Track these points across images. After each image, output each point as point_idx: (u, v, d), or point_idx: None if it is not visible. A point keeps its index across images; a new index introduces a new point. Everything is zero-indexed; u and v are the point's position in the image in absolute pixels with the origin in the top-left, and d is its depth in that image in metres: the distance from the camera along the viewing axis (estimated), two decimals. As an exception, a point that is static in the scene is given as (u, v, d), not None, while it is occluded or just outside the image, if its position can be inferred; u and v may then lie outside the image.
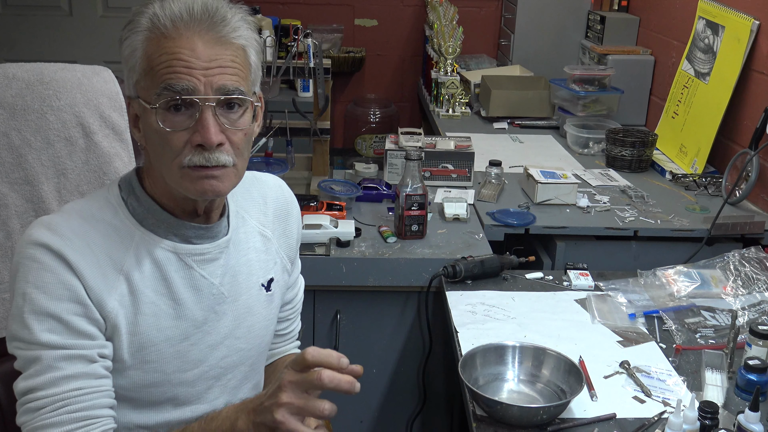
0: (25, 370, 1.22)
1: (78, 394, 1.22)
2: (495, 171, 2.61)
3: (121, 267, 1.27)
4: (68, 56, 3.16)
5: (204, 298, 1.35)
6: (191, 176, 1.24)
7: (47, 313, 1.20)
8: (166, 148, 1.23)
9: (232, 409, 1.25)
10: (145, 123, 1.25)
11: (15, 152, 1.53)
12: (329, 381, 1.14)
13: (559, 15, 3.91)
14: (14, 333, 1.22)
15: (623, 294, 1.99)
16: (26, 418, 1.22)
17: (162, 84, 1.20)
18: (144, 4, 1.25)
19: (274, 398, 1.17)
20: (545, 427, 1.49)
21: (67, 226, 1.24)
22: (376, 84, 4.60)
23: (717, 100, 2.73)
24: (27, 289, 1.21)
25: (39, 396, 1.21)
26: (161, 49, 1.21)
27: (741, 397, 1.60)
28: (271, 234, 1.48)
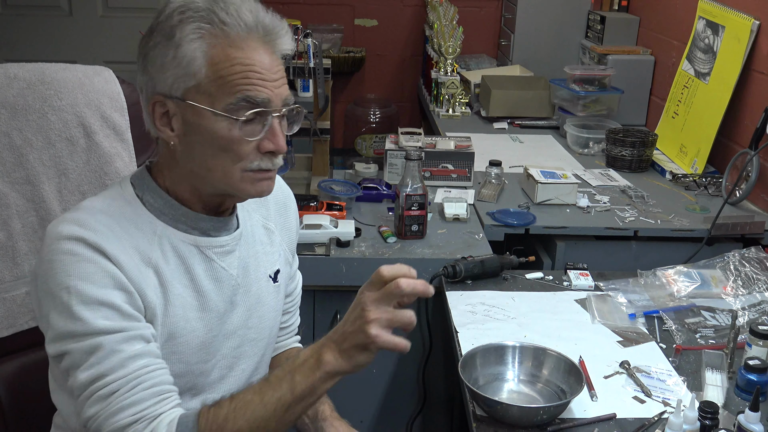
0: (84, 362, 1.21)
1: (147, 371, 1.23)
2: (495, 171, 2.61)
3: (149, 260, 1.28)
4: (68, 56, 3.17)
5: (224, 289, 1.38)
6: (253, 179, 1.30)
7: (98, 301, 1.21)
8: (229, 152, 1.27)
9: (310, 350, 1.25)
10: (195, 126, 1.26)
11: (16, 152, 1.53)
12: (407, 286, 1.19)
13: (559, 15, 3.91)
14: (63, 329, 1.21)
15: (623, 294, 1.99)
16: (99, 407, 1.21)
17: (239, 95, 1.24)
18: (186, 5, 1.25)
19: (361, 318, 1.20)
20: (545, 427, 1.49)
21: (95, 221, 1.25)
22: (376, 84, 4.60)
23: (717, 100, 2.73)
24: (70, 282, 1.20)
25: (108, 381, 1.20)
26: (231, 59, 1.24)
27: (741, 397, 1.60)
28: (274, 226, 1.52)
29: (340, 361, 1.22)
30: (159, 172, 1.35)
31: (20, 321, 1.56)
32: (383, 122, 4.39)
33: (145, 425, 1.21)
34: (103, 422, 1.20)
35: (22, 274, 1.55)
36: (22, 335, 1.58)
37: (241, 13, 1.24)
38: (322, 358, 1.22)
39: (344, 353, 1.21)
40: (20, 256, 1.55)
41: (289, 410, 1.23)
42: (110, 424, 1.20)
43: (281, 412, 1.23)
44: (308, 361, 1.23)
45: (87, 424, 1.22)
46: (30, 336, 1.59)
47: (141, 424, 1.21)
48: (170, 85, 1.25)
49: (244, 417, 1.22)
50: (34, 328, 1.58)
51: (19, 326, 1.57)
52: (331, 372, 1.22)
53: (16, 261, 1.54)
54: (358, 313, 1.21)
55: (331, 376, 1.23)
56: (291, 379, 1.22)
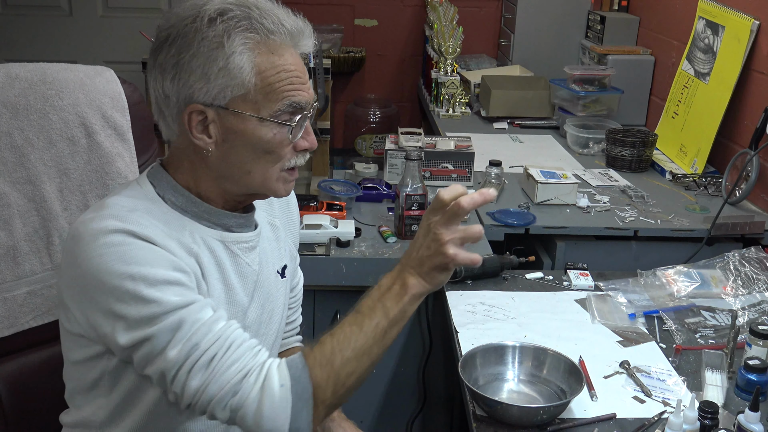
0: (170, 340, 1.21)
1: (232, 330, 1.26)
2: (495, 171, 2.61)
3: (190, 249, 1.31)
4: (68, 56, 3.17)
5: (247, 284, 1.41)
6: (286, 178, 1.36)
7: (164, 280, 1.22)
8: (273, 155, 1.31)
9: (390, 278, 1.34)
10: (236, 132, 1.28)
11: (17, 152, 1.53)
12: (468, 204, 1.28)
13: (559, 15, 3.91)
14: (138, 315, 1.21)
15: (623, 294, 1.99)
16: (203, 374, 1.22)
17: (287, 101, 1.28)
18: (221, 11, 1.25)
19: (437, 242, 1.29)
20: (545, 427, 1.49)
21: (133, 215, 1.26)
22: (376, 84, 4.60)
23: (717, 100, 2.73)
24: (132, 270, 1.20)
25: (203, 348, 1.22)
26: (275, 66, 1.27)
27: (741, 397, 1.60)
28: (279, 223, 1.55)
29: (423, 283, 1.32)
30: (176, 169, 1.36)
31: (21, 321, 1.56)
32: (383, 122, 4.39)
33: (255, 376, 1.24)
34: (212, 387, 1.22)
35: (22, 274, 1.55)
36: (22, 335, 1.58)
37: (282, 20, 1.27)
38: (406, 283, 1.32)
39: (426, 275, 1.32)
40: (21, 255, 1.55)
41: (387, 334, 1.31)
42: (221, 386, 1.22)
43: (380, 337, 1.30)
44: (393, 287, 1.32)
45: (194, 397, 1.23)
46: (30, 336, 1.59)
47: (251, 376, 1.24)
48: (215, 94, 1.26)
49: (350, 347, 1.28)
50: (35, 328, 1.59)
51: (20, 326, 1.57)
52: (417, 294, 1.33)
53: (17, 261, 1.54)
54: (432, 237, 1.30)
55: (417, 297, 1.33)
56: (383, 306, 1.31)
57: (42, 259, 1.57)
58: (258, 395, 1.23)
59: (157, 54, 1.29)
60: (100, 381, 1.34)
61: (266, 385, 1.23)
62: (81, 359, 1.33)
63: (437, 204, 1.30)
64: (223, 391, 1.22)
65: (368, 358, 1.30)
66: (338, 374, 1.27)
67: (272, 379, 1.24)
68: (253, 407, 1.23)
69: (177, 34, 1.26)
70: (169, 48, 1.26)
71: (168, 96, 1.28)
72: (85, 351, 1.31)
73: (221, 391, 1.22)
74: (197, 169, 1.34)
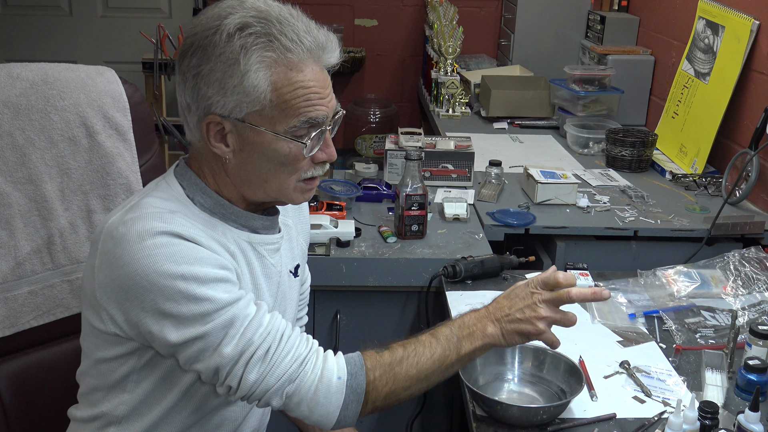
0: (224, 336, 1.26)
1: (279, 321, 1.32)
2: (495, 171, 2.61)
3: (228, 249, 1.33)
4: (68, 56, 3.18)
5: (272, 285, 1.44)
6: (303, 188, 1.38)
7: (214, 278, 1.26)
8: (289, 167, 1.33)
9: (474, 318, 1.42)
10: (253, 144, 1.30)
11: (19, 151, 1.53)
12: (577, 296, 1.40)
13: (559, 15, 3.91)
14: (191, 313, 1.24)
15: (623, 294, 2.00)
16: (260, 367, 1.27)
17: (302, 117, 1.29)
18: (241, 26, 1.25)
19: (533, 312, 1.39)
20: (545, 427, 1.50)
21: (173, 217, 1.28)
22: (376, 84, 4.60)
23: (717, 100, 2.74)
24: (183, 269, 1.23)
25: (258, 342, 1.27)
26: (293, 83, 1.27)
27: (741, 397, 1.60)
28: (291, 222, 1.56)
29: (500, 338, 1.41)
30: (200, 171, 1.38)
31: (22, 320, 1.57)
32: (383, 122, 4.39)
33: (311, 365, 1.31)
34: (270, 378, 1.28)
35: (23, 274, 1.55)
36: (23, 334, 1.58)
37: (301, 37, 1.27)
38: (486, 331, 1.40)
39: (507, 333, 1.40)
40: (22, 255, 1.55)
41: (450, 369, 1.39)
42: (279, 376, 1.29)
43: (444, 369, 1.38)
44: (474, 329, 1.40)
45: (251, 389, 1.28)
46: (31, 335, 1.59)
47: (308, 364, 1.31)
48: (231, 108, 1.27)
49: (416, 366, 1.35)
50: (36, 327, 1.59)
51: (21, 325, 1.57)
52: (490, 344, 1.41)
53: (18, 260, 1.55)
54: (531, 306, 1.40)
55: (489, 347, 1.41)
56: (458, 341, 1.39)
57: (43, 259, 1.58)
58: (315, 383, 1.30)
59: (181, 61, 1.31)
60: (128, 377, 1.36)
61: (324, 375, 1.31)
62: (110, 357, 1.34)
63: (549, 281, 1.39)
64: (281, 381, 1.28)
65: (426, 383, 1.38)
66: (396, 384, 1.35)
67: (330, 371, 1.31)
68: (310, 395, 1.30)
69: (198, 45, 1.27)
70: (190, 58, 1.28)
71: (189, 104, 1.31)
72: (118, 348, 1.33)
73: (279, 380, 1.28)
74: (217, 174, 1.36)
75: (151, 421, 1.38)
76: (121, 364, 1.35)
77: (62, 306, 1.61)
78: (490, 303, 1.46)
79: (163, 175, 1.41)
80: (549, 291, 1.41)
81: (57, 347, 1.62)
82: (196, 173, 1.37)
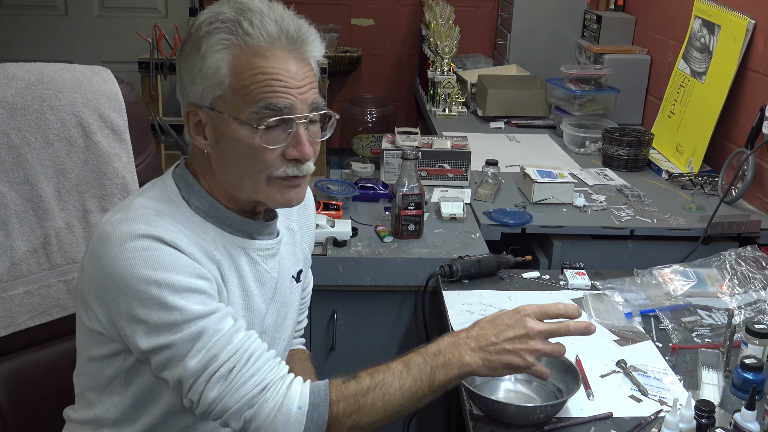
0: (190, 349, 1.23)
1: (251, 341, 1.27)
2: (492, 170, 2.61)
3: (212, 257, 1.32)
4: (64, 56, 3.17)
5: (266, 291, 1.42)
6: (279, 186, 1.32)
7: (188, 288, 1.24)
8: (256, 161, 1.29)
9: (451, 345, 1.34)
10: (223, 135, 1.29)
11: (14, 151, 1.53)
12: (575, 329, 1.36)
13: (556, 14, 3.91)
14: (160, 321, 1.22)
15: (620, 293, 2.00)
16: (221, 386, 1.24)
17: (261, 103, 1.25)
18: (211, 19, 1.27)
19: (524, 344, 1.33)
20: (542, 427, 1.50)
21: (160, 221, 1.27)
22: (373, 83, 4.60)
23: (713, 99, 2.74)
24: (158, 276, 1.22)
25: (223, 359, 1.24)
26: (255, 68, 1.25)
27: (737, 396, 1.60)
28: (296, 226, 1.55)
29: (481, 369, 1.34)
30: (196, 173, 1.37)
31: (18, 320, 1.56)
32: (380, 122, 4.38)
33: (273, 391, 1.26)
34: (229, 399, 1.24)
35: (20, 274, 1.55)
36: (20, 335, 1.58)
37: (265, 23, 1.26)
38: (463, 361, 1.32)
39: (491, 364, 1.34)
40: (18, 255, 1.55)
41: (422, 400, 1.32)
42: (238, 399, 1.24)
43: (415, 400, 1.31)
44: (449, 359, 1.32)
45: (210, 407, 1.25)
46: (28, 335, 1.59)
47: (269, 390, 1.26)
48: (200, 95, 1.28)
49: (382, 399, 1.29)
50: (32, 327, 1.59)
51: (17, 326, 1.57)
52: (469, 373, 1.34)
53: (14, 260, 1.54)
54: (522, 338, 1.33)
55: (466, 376, 1.35)
56: (431, 372, 1.31)
57: (39, 259, 1.57)
58: (274, 411, 1.25)
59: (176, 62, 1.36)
60: (115, 379, 1.35)
61: (284, 403, 1.25)
62: (98, 356, 1.34)
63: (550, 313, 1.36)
64: (240, 404, 1.24)
65: (394, 415, 1.31)
66: (360, 416, 1.29)
67: (292, 400, 1.26)
68: (267, 422, 1.25)
69: (185, 40, 1.31)
70: (179, 53, 1.33)
71: (180, 100, 1.34)
72: (103, 348, 1.33)
73: (238, 403, 1.24)
74: (207, 173, 1.36)
75: (146, 426, 1.36)
76: (108, 365, 1.34)
77: (59, 306, 1.60)
78: (472, 327, 1.38)
79: (162, 175, 1.41)
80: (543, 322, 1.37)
81: (53, 347, 1.62)
82: (193, 174, 1.37)
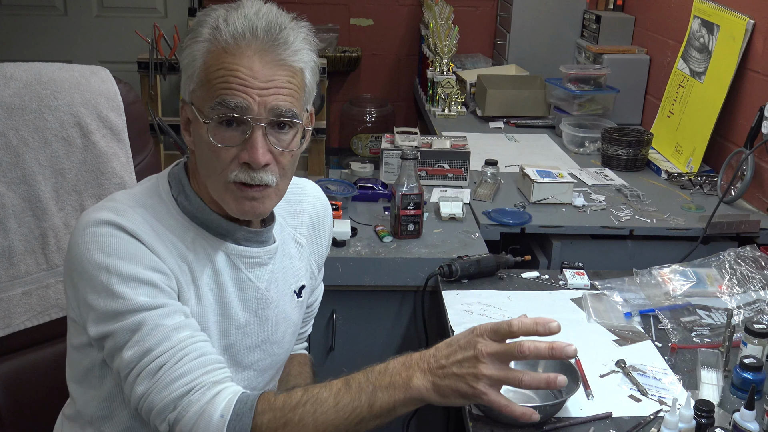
0: (128, 340, 1.20)
1: (192, 342, 1.22)
2: (491, 170, 2.61)
3: (184, 257, 1.30)
4: (63, 56, 3.16)
5: (248, 300, 1.38)
6: (234, 193, 1.27)
7: (137, 279, 1.21)
8: (213, 160, 1.26)
9: (400, 365, 1.22)
10: (195, 131, 1.28)
11: (12, 152, 1.53)
12: (530, 352, 1.19)
13: (555, 14, 3.91)
14: (104, 309, 1.21)
15: (619, 293, 2.00)
16: (148, 382, 1.19)
17: (217, 99, 1.23)
18: (208, 13, 1.27)
19: (472, 368, 1.19)
20: (541, 427, 1.49)
21: (133, 212, 1.26)
22: (372, 83, 4.60)
23: (712, 99, 2.74)
24: (110, 262, 1.21)
25: (155, 355, 1.20)
26: (220, 63, 1.23)
27: (736, 396, 1.60)
28: (305, 241, 1.52)
29: (431, 394, 1.20)
30: (192, 174, 1.37)
31: (17, 321, 1.56)
32: (379, 122, 4.39)
33: (200, 395, 1.20)
34: (155, 397, 1.19)
35: (18, 274, 1.55)
36: (18, 335, 1.58)
37: (237, 20, 1.23)
38: (411, 383, 1.20)
39: (440, 390, 1.20)
40: (16, 256, 1.55)
41: (362, 423, 1.20)
42: (162, 398, 1.19)
43: (353, 423, 1.20)
44: (395, 380, 1.21)
45: (138, 403, 1.21)
46: (27, 336, 1.59)
47: (194, 394, 1.20)
48: (183, 88, 1.28)
49: (313, 414, 1.19)
50: (30, 328, 1.59)
51: (16, 326, 1.57)
52: (418, 399, 1.20)
53: (12, 261, 1.54)
54: (470, 360, 1.20)
55: (417, 402, 1.20)
56: (373, 393, 1.20)
57: (37, 260, 1.57)
58: (196, 416, 1.19)
59: None
60: (91, 371, 1.34)
61: (207, 409, 1.19)
62: (77, 345, 1.33)
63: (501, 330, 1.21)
64: (163, 404, 1.20)
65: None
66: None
67: (215, 406, 1.19)
68: (188, 426, 1.19)
69: None
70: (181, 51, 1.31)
71: None
72: (80, 338, 1.32)
73: (161, 402, 1.20)
74: (197, 173, 1.34)
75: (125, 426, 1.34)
76: (84, 356, 1.33)
77: (57, 306, 1.60)
78: (431, 348, 1.26)
79: (160, 172, 1.40)
80: (497, 342, 1.21)
81: (52, 348, 1.62)
82: (190, 176, 1.36)
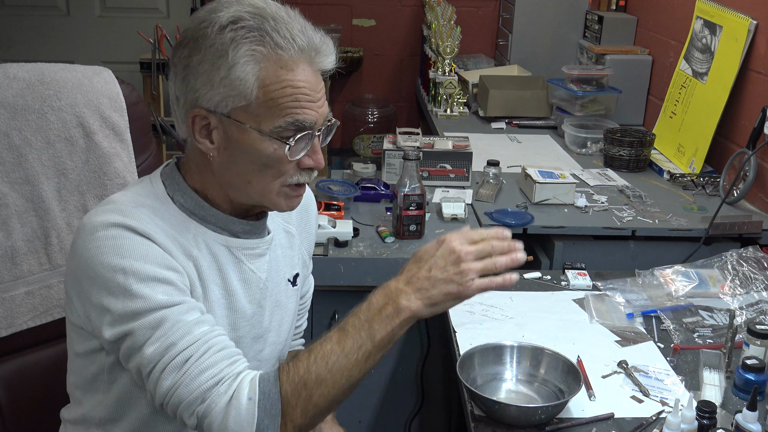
0: (149, 337, 1.21)
1: (214, 335, 1.24)
2: (493, 171, 2.61)
3: (190, 253, 1.30)
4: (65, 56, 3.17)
5: (252, 291, 1.40)
6: (288, 194, 1.33)
7: (154, 278, 1.22)
8: (272, 169, 1.28)
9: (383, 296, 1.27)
10: (237, 142, 1.27)
11: (15, 152, 1.53)
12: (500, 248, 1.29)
13: (557, 15, 3.91)
14: (123, 309, 1.21)
15: (621, 294, 2.00)
16: (175, 375, 1.20)
17: (289, 118, 1.25)
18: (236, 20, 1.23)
19: (455, 268, 1.25)
20: (543, 427, 1.50)
21: (137, 212, 1.26)
22: (374, 84, 4.60)
23: (715, 100, 2.74)
24: (125, 264, 1.21)
25: (180, 348, 1.20)
26: (281, 80, 1.23)
27: (739, 397, 1.60)
28: (294, 230, 1.54)
29: (421, 308, 1.25)
30: (188, 171, 1.36)
31: (19, 321, 1.56)
32: (381, 122, 4.39)
33: (227, 386, 1.21)
34: (183, 390, 1.20)
35: (21, 274, 1.55)
36: (21, 335, 1.58)
37: (294, 35, 1.24)
38: (400, 306, 1.24)
39: (432, 300, 1.26)
40: (19, 256, 1.55)
41: (370, 358, 1.24)
42: (191, 391, 1.20)
43: (362, 360, 1.24)
44: (385, 309, 1.25)
45: (165, 397, 1.22)
46: (29, 336, 1.59)
47: (222, 385, 1.21)
48: (217, 102, 1.25)
49: (326, 367, 1.22)
50: (33, 328, 1.59)
51: (18, 326, 1.57)
52: (411, 318, 1.25)
53: (15, 261, 1.54)
54: (455, 262, 1.25)
55: (410, 321, 1.26)
56: (369, 327, 1.24)
57: (40, 260, 1.58)
58: (225, 406, 1.20)
59: (174, 53, 1.30)
60: (99, 376, 1.34)
61: (235, 396, 1.20)
62: (82, 352, 1.33)
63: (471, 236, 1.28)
64: (192, 396, 1.20)
65: (347, 381, 1.23)
66: (310, 394, 1.22)
67: (241, 391, 1.21)
68: (219, 418, 1.20)
69: (191, 37, 1.26)
70: (182, 49, 1.27)
71: (178, 96, 1.29)
72: (86, 344, 1.32)
73: (190, 395, 1.20)
74: (204, 173, 1.34)
75: (132, 427, 1.35)
76: (91, 362, 1.33)
77: (59, 306, 1.60)
78: (400, 273, 1.30)
79: (150, 174, 1.40)
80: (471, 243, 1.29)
81: (54, 348, 1.62)
82: (184, 173, 1.36)
